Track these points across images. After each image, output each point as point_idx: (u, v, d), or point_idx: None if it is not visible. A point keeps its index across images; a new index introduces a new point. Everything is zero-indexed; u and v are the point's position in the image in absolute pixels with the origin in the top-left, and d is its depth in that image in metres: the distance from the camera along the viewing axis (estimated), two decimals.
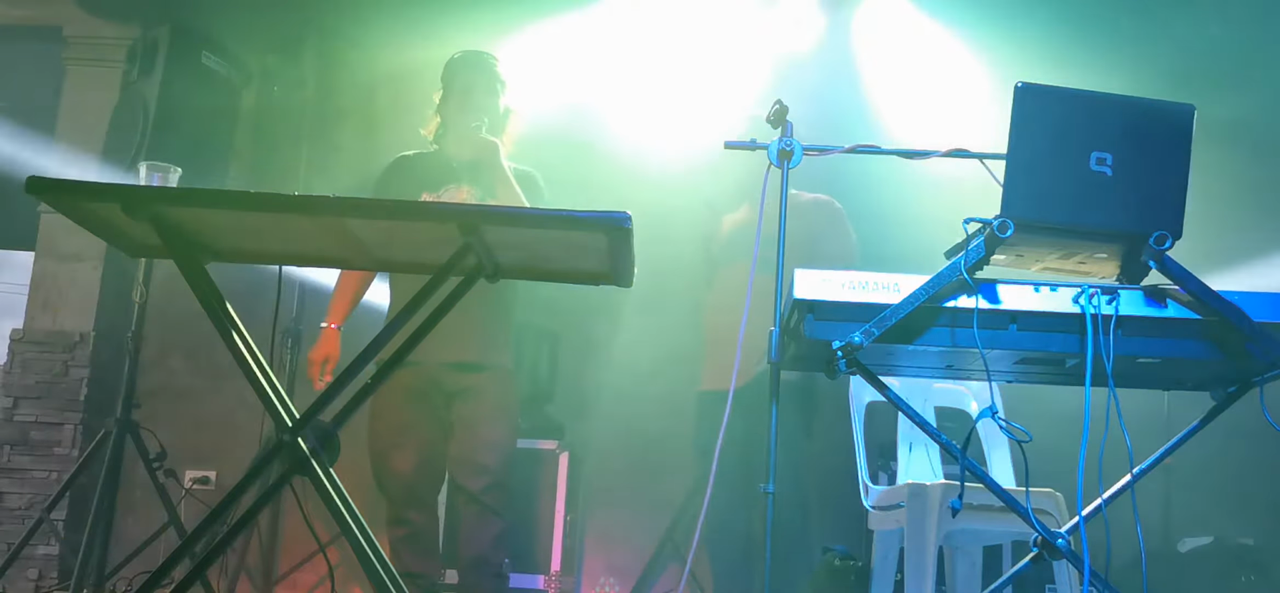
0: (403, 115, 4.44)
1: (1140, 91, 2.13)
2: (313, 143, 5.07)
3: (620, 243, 2.09)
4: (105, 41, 5.21)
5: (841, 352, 2.08)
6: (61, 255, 5.15)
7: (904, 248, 3.92)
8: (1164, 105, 2.12)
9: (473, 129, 3.44)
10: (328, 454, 2.18)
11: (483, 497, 3.37)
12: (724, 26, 4.98)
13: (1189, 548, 4.38)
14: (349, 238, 2.22)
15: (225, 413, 4.94)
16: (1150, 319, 2.10)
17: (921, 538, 3.02)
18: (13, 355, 5.06)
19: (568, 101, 4.71)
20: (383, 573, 2.23)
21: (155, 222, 2.10)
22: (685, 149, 4.50)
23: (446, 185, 3.50)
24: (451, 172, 3.51)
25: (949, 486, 3.08)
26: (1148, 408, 4.21)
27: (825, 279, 2.13)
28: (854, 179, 4.08)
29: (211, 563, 2.31)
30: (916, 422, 2.29)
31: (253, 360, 2.20)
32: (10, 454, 4.95)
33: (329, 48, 5.15)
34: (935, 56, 4.95)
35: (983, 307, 2.09)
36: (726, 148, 2.72)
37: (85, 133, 4.96)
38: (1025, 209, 2.07)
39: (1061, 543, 2.21)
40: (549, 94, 4.43)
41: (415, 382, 3.40)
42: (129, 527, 4.60)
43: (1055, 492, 3.02)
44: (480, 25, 4.40)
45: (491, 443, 3.41)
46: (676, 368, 4.12)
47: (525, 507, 4.38)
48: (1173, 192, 2.08)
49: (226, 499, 2.19)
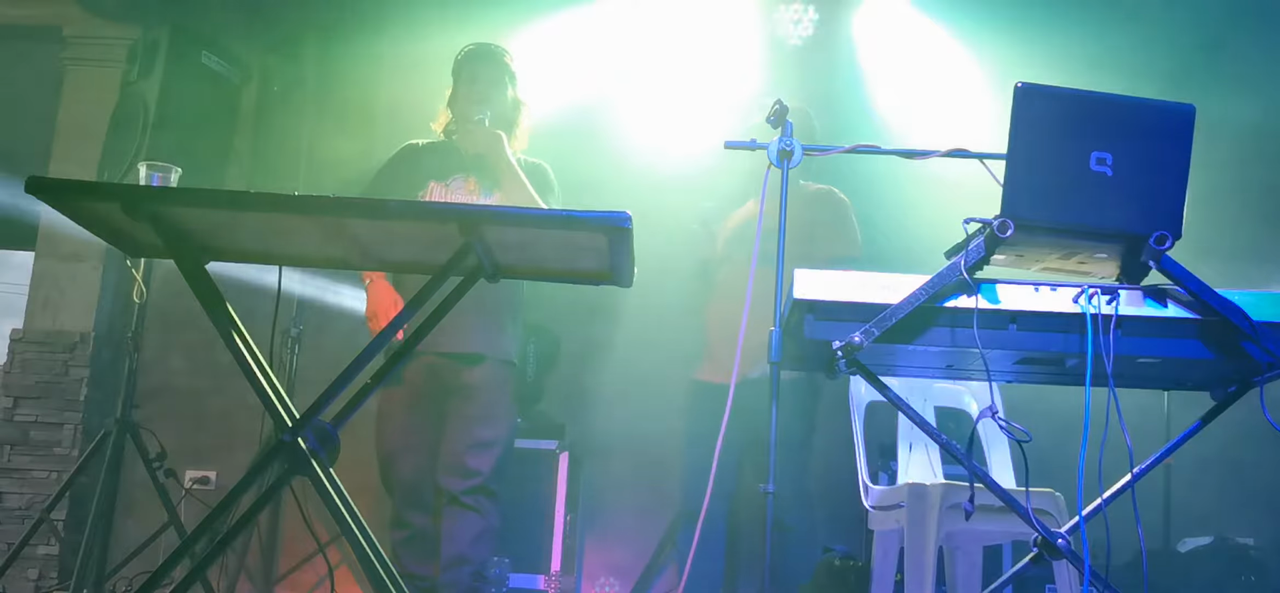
0: (403, 114, 4.43)
1: (1140, 91, 2.14)
2: (313, 143, 5.06)
3: (620, 243, 2.09)
4: (105, 41, 5.20)
5: (841, 352, 2.08)
6: (61, 255, 5.15)
7: (904, 248, 3.93)
8: (1164, 105, 2.12)
9: (475, 121, 3.45)
10: (328, 454, 2.18)
11: (463, 497, 3.37)
12: (724, 27, 4.98)
13: (1189, 548, 4.38)
14: (349, 238, 2.22)
15: (225, 413, 4.93)
16: (1150, 319, 2.10)
17: (921, 538, 3.02)
18: (13, 355, 5.06)
19: (567, 101, 4.70)
20: (383, 573, 2.23)
21: (155, 222, 2.10)
22: (685, 149, 4.50)
23: (454, 176, 3.50)
24: (460, 163, 3.51)
25: (949, 486, 3.08)
26: (1148, 408, 4.21)
27: (825, 279, 2.12)
28: (854, 179, 4.08)
29: (211, 563, 2.31)
30: (916, 422, 2.29)
31: (253, 360, 2.20)
32: (10, 454, 4.95)
33: (329, 47, 5.14)
34: (935, 56, 4.94)
35: (983, 307, 2.08)
36: (726, 148, 2.72)
37: (85, 133, 4.96)
38: (1025, 209, 2.07)
39: (1061, 543, 2.21)
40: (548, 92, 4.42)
41: (417, 378, 3.40)
42: (129, 527, 4.59)
43: (1055, 492, 3.02)
44: (480, 25, 4.39)
45: (483, 444, 3.41)
46: (677, 368, 4.11)
47: (525, 507, 4.38)
48: (1173, 192, 2.08)
49: (226, 499, 2.19)
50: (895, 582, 3.40)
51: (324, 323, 4.79)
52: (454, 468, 3.40)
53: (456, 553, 3.37)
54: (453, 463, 3.40)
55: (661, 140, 4.78)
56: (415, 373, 3.41)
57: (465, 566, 3.37)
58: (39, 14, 5.31)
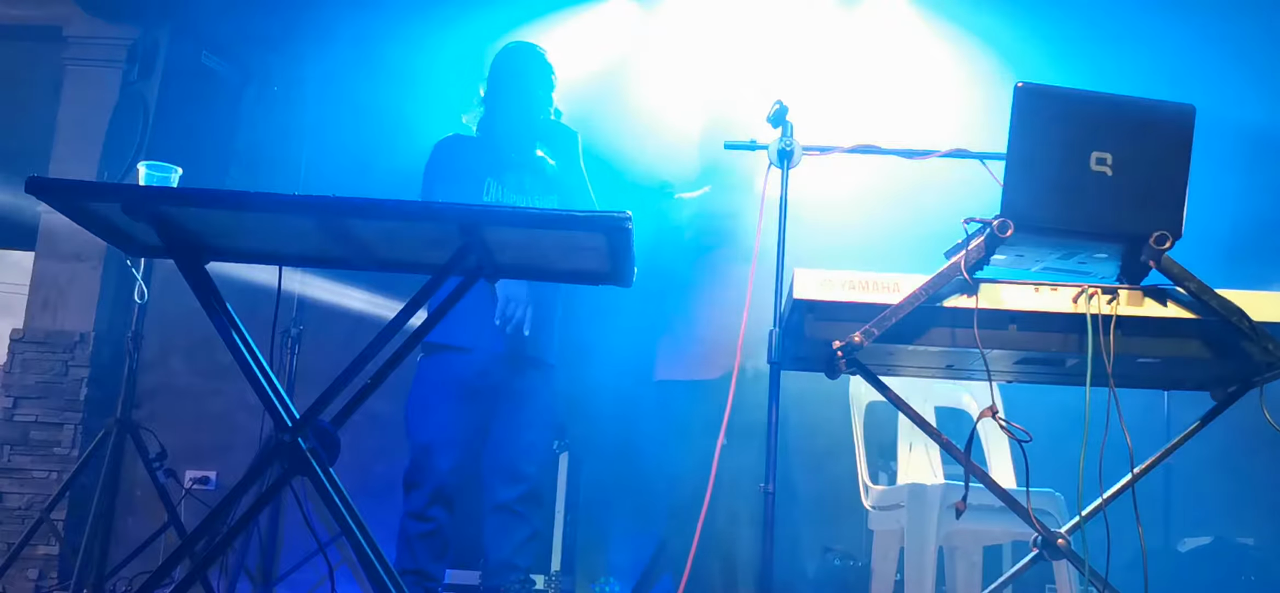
0: (403, 114, 4.44)
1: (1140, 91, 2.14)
2: (313, 143, 5.06)
3: (620, 243, 2.09)
4: (105, 42, 5.20)
5: (841, 352, 2.08)
6: (61, 255, 5.15)
7: (904, 248, 3.93)
8: (1164, 105, 2.12)
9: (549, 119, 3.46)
10: (328, 454, 2.18)
11: (515, 506, 3.37)
12: (724, 26, 4.98)
13: (1189, 548, 4.38)
14: (349, 238, 2.22)
15: (225, 413, 4.93)
16: (1150, 319, 2.10)
17: (921, 538, 3.02)
18: (13, 355, 5.06)
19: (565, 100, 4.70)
20: (383, 573, 2.23)
21: (155, 222, 2.10)
22: (685, 148, 4.50)
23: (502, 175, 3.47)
24: (505, 161, 3.49)
25: (949, 486, 3.08)
26: (1148, 408, 4.21)
27: (825, 279, 2.12)
28: (854, 180, 4.08)
29: (211, 563, 2.31)
30: (916, 422, 2.28)
31: (253, 360, 2.20)
32: (10, 454, 4.95)
33: (329, 47, 5.15)
34: (935, 56, 4.94)
35: (983, 307, 2.08)
36: (726, 148, 2.72)
37: (85, 133, 4.96)
38: (1025, 209, 2.07)
39: (1061, 543, 2.21)
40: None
41: (465, 375, 3.38)
42: (129, 527, 4.60)
43: (1055, 492, 3.02)
44: (480, 24, 4.40)
45: (532, 447, 3.43)
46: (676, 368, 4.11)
47: None
48: (1173, 192, 2.08)
49: (226, 499, 2.19)
50: (895, 582, 3.41)
51: (324, 323, 4.79)
52: (504, 472, 3.40)
53: (504, 559, 3.37)
54: (503, 467, 3.40)
55: (661, 140, 4.77)
56: (463, 369, 3.38)
57: (512, 572, 3.37)
58: (39, 14, 5.31)
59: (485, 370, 3.39)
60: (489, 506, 3.44)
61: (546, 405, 3.48)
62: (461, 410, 3.40)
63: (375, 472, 4.38)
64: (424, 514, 3.40)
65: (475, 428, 3.42)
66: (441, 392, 3.39)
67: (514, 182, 3.45)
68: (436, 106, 3.79)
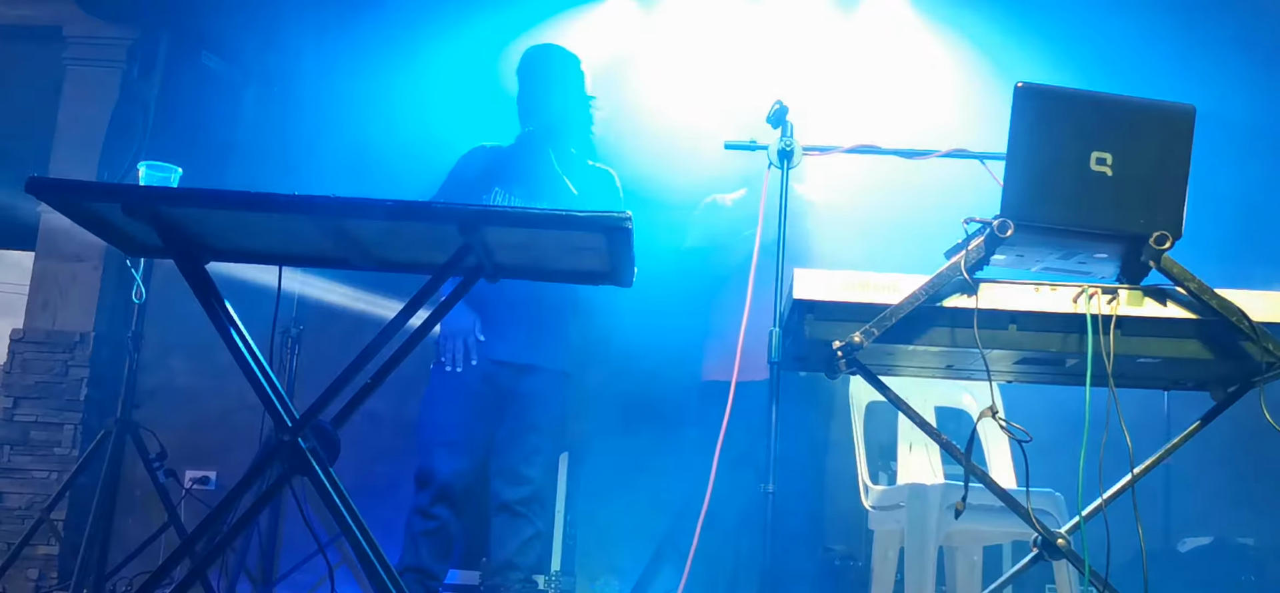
0: (403, 114, 4.44)
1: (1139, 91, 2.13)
2: (313, 143, 5.06)
3: (620, 243, 2.09)
4: (105, 42, 5.20)
5: (841, 352, 2.08)
6: (61, 255, 5.14)
7: (904, 248, 3.92)
8: (1164, 105, 2.12)
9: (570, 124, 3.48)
10: (328, 454, 2.18)
11: (517, 507, 3.38)
12: (724, 26, 4.97)
13: (1189, 548, 4.38)
14: (349, 238, 2.22)
15: (225, 413, 4.93)
16: (1150, 319, 2.10)
17: (921, 538, 3.02)
18: (13, 355, 5.06)
19: None
20: (383, 573, 2.23)
21: (155, 222, 2.10)
22: (685, 148, 4.49)
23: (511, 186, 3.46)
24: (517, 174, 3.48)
25: (949, 486, 3.08)
26: (1148, 408, 4.21)
27: (825, 279, 2.12)
28: (854, 180, 4.07)
29: (211, 563, 2.31)
30: (916, 422, 2.29)
31: (253, 360, 2.20)
32: (10, 454, 4.95)
33: (329, 47, 5.15)
34: (935, 57, 4.94)
35: (983, 307, 2.08)
36: (726, 149, 2.72)
37: (85, 133, 4.96)
38: (1025, 209, 2.07)
39: (1061, 543, 2.21)
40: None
41: (471, 378, 3.39)
42: (129, 527, 4.59)
43: (1055, 492, 3.02)
44: (481, 25, 4.40)
45: (536, 451, 3.43)
46: (677, 368, 4.11)
47: None
48: (1173, 191, 2.08)
49: (226, 499, 2.19)
50: (895, 582, 3.40)
51: (324, 323, 4.79)
52: (507, 474, 3.41)
53: (506, 559, 3.38)
54: (506, 469, 3.41)
55: (660, 140, 4.77)
56: (470, 374, 3.39)
57: (514, 572, 3.38)
58: (39, 14, 5.31)
59: (490, 376, 3.40)
60: (492, 506, 3.46)
61: (553, 411, 3.48)
62: (468, 415, 3.42)
63: (375, 472, 4.38)
64: (428, 512, 3.41)
65: (483, 433, 3.44)
66: (448, 395, 3.42)
67: (522, 195, 3.45)
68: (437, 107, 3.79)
